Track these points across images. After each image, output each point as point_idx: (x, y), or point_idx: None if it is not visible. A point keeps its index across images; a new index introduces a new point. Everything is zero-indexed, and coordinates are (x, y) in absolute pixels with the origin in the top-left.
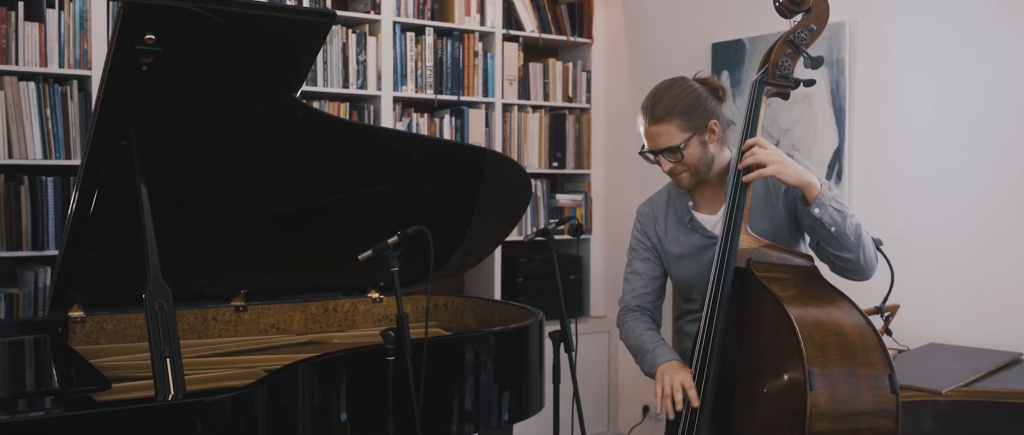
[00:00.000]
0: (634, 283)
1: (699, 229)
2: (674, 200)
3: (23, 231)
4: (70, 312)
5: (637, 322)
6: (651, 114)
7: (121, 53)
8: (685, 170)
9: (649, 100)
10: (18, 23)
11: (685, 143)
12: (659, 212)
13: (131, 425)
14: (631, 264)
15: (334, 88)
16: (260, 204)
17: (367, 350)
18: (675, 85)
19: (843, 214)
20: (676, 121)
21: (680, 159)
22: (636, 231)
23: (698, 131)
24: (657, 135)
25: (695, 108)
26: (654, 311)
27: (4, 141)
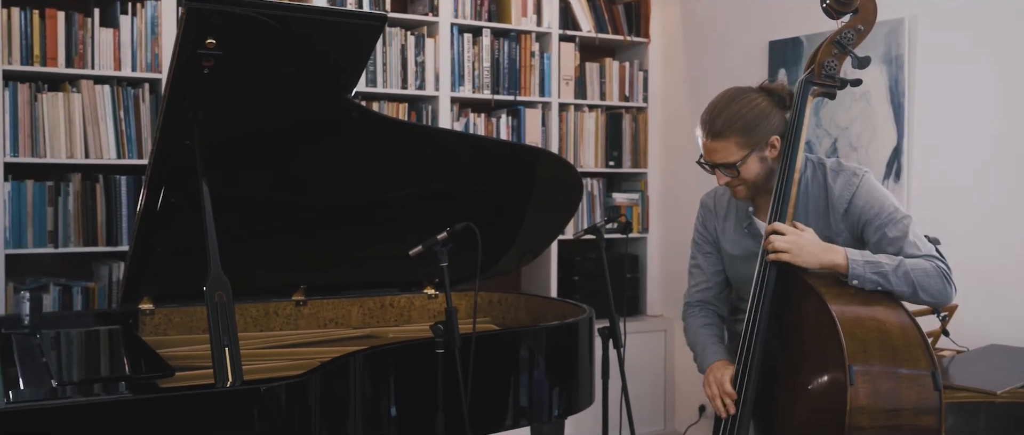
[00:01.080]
0: (697, 277)
1: (756, 234)
2: (737, 202)
3: (98, 227)
4: (140, 305)
5: (696, 318)
6: (709, 128)
7: (184, 57)
8: (741, 184)
9: (709, 113)
10: (94, 29)
11: (742, 160)
12: (721, 208)
13: (192, 410)
14: (694, 258)
15: (393, 89)
16: (317, 201)
17: (417, 343)
18: (736, 100)
19: (884, 275)
20: (734, 138)
21: (737, 175)
22: (698, 223)
23: (757, 148)
24: (714, 150)
25: (756, 126)
26: (718, 305)
27: (81, 142)
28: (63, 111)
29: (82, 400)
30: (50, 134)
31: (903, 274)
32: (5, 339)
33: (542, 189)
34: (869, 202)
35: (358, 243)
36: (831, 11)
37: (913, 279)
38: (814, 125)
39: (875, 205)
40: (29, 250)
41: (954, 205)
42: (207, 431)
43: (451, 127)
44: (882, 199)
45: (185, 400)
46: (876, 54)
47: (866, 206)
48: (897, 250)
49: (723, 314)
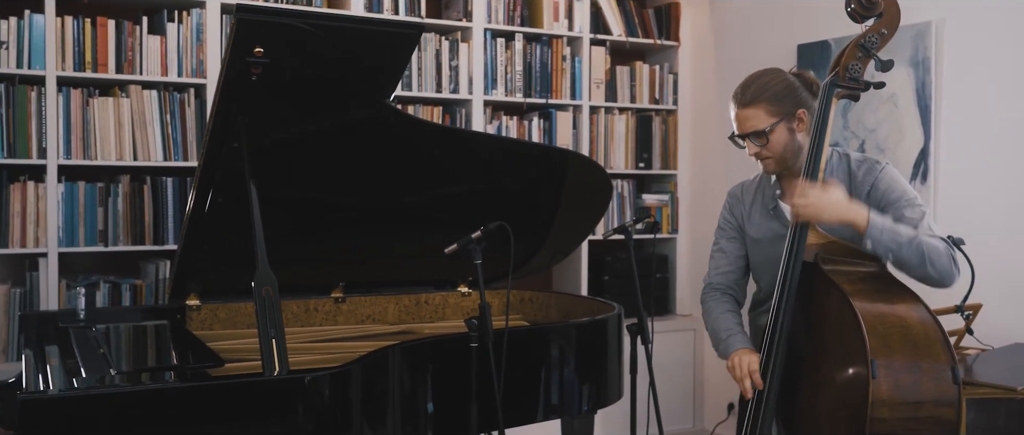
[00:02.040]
0: (719, 260)
1: (780, 217)
2: (764, 186)
3: (146, 227)
4: (187, 300)
5: (718, 304)
6: (741, 98)
7: (233, 65)
8: (770, 156)
9: (741, 86)
10: (142, 36)
11: (771, 128)
12: (747, 195)
13: (241, 397)
14: (717, 242)
15: (428, 93)
16: (357, 202)
17: (453, 337)
18: (767, 74)
19: (898, 242)
20: (764, 106)
21: (766, 143)
22: (724, 211)
23: (786, 117)
24: (745, 118)
25: (785, 95)
26: (737, 290)
27: (129, 145)
28: (113, 115)
29: (144, 386)
30: (100, 137)
31: (916, 246)
32: (63, 332)
33: (572, 190)
34: (890, 187)
35: (394, 242)
36: (856, 15)
37: (924, 251)
38: (841, 127)
39: (896, 190)
40: (80, 249)
41: (980, 206)
42: (256, 418)
43: (484, 129)
44: (903, 186)
45: (234, 388)
46: (903, 57)
47: (887, 190)
48: (913, 228)
49: (740, 301)
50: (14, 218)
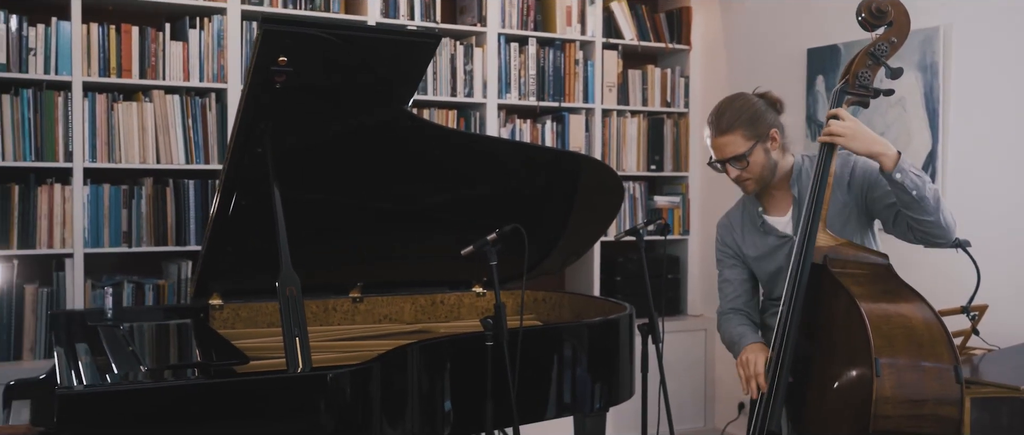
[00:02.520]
0: (726, 291)
1: (772, 231)
2: (748, 209)
3: (168, 229)
4: (210, 300)
5: (731, 320)
6: (717, 126)
7: (258, 73)
8: (750, 177)
9: (714, 114)
10: (165, 42)
11: (750, 150)
12: (735, 222)
13: (266, 393)
14: (722, 274)
15: (443, 96)
16: (375, 204)
17: (469, 336)
18: (736, 100)
19: (923, 179)
20: (740, 131)
21: (746, 166)
22: (719, 243)
23: (761, 139)
24: (724, 145)
25: (757, 119)
26: (750, 310)
27: (153, 148)
28: (136, 119)
29: (175, 382)
30: (125, 141)
31: (935, 191)
32: (92, 330)
33: (585, 193)
34: (867, 167)
35: (411, 244)
36: (866, 24)
37: (939, 197)
38: None
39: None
40: (105, 249)
41: (987, 208)
42: (281, 413)
43: (498, 132)
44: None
45: (260, 384)
46: (911, 62)
47: (867, 170)
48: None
49: (756, 320)
50: (41, 220)
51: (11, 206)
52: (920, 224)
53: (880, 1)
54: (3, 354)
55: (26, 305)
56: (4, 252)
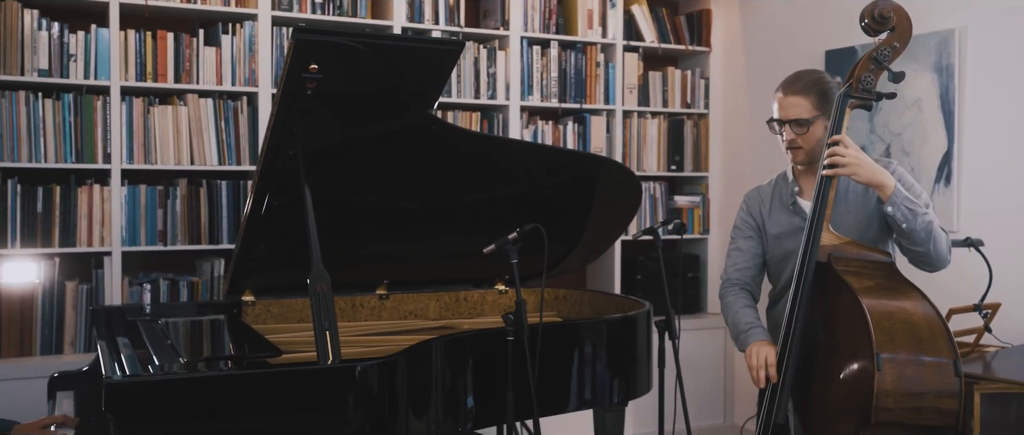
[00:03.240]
0: (736, 258)
1: (799, 212)
2: (780, 187)
3: (202, 227)
4: (243, 296)
5: (737, 298)
6: (790, 87)
7: (291, 80)
8: (803, 146)
9: (793, 75)
10: (199, 48)
11: (813, 120)
12: (765, 196)
13: (297, 384)
14: (735, 241)
15: (466, 99)
16: (401, 204)
17: (491, 331)
18: (816, 72)
19: (915, 213)
20: (811, 98)
21: (804, 133)
22: (742, 212)
23: (825, 114)
24: (790, 105)
25: (827, 95)
26: (753, 287)
27: (187, 150)
28: (171, 122)
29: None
30: (160, 143)
31: (927, 223)
32: (131, 325)
33: (605, 194)
34: (902, 180)
35: (436, 243)
36: (869, 29)
37: (933, 231)
38: (868, 131)
39: (907, 182)
40: (142, 248)
41: (1001, 208)
42: (312, 403)
43: (520, 134)
44: (910, 181)
45: (292, 376)
46: (927, 63)
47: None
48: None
49: (756, 296)
50: (81, 219)
51: (53, 206)
52: (908, 251)
53: (883, 7)
54: (46, 348)
55: (67, 301)
56: (46, 250)
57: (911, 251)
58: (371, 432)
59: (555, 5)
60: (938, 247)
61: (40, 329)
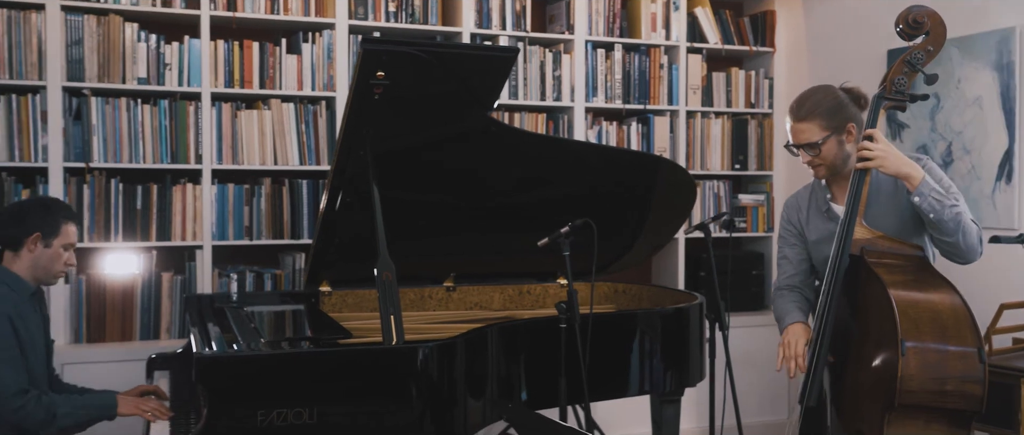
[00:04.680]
0: (785, 268)
1: (835, 218)
2: (816, 193)
3: (284, 223)
4: (320, 287)
5: (784, 298)
6: (796, 113)
7: (359, 86)
8: (822, 163)
9: (796, 101)
10: (281, 56)
11: (823, 140)
12: (802, 203)
13: (365, 362)
14: (781, 250)
15: (532, 101)
16: (465, 202)
17: (544, 319)
18: (820, 91)
19: (942, 204)
20: (817, 121)
21: (818, 154)
22: (783, 220)
23: (837, 131)
24: (799, 132)
25: (836, 112)
26: (804, 288)
27: (271, 151)
28: (257, 126)
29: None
30: (246, 145)
31: (956, 214)
32: (220, 311)
33: (662, 192)
34: (932, 174)
35: (500, 238)
36: (904, 34)
37: (962, 222)
38: (929, 129)
39: (936, 177)
40: (230, 242)
41: None
42: (377, 379)
43: (585, 135)
44: (940, 175)
45: (359, 354)
46: (987, 61)
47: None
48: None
49: (809, 297)
50: (176, 215)
51: (150, 203)
52: (938, 242)
53: (917, 12)
54: (144, 333)
55: (163, 291)
56: (144, 244)
57: (941, 243)
58: (432, 411)
59: (619, 9)
60: (968, 239)
61: (139, 316)
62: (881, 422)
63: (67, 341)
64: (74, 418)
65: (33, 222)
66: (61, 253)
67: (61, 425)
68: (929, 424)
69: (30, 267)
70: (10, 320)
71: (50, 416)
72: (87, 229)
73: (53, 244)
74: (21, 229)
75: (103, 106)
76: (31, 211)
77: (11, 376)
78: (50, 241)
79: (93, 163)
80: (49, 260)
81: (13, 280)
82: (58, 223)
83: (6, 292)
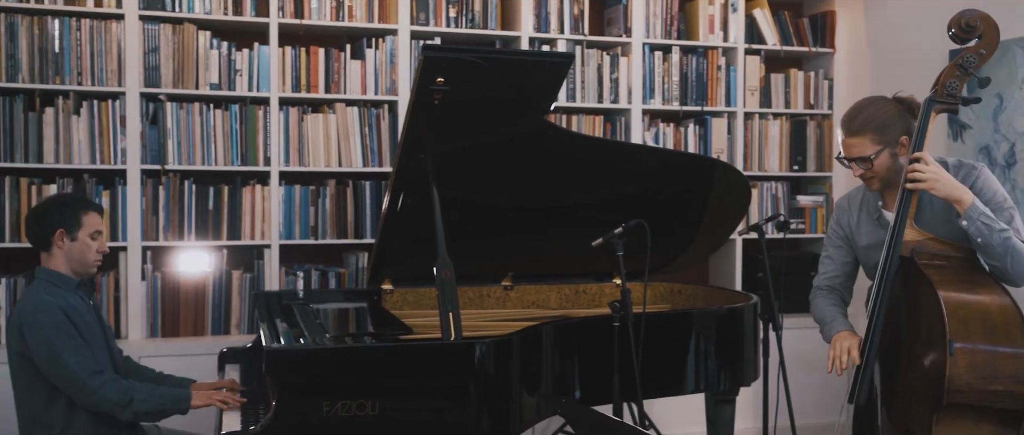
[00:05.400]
0: (827, 266)
1: (886, 225)
2: (867, 198)
3: (348, 224)
4: (383, 285)
5: (824, 299)
6: (848, 128)
7: (420, 92)
8: (874, 176)
9: (847, 115)
10: (346, 62)
11: (875, 155)
12: (854, 207)
13: (424, 356)
14: (826, 250)
15: (590, 104)
16: (522, 202)
17: (599, 318)
18: (872, 104)
19: (990, 229)
20: (869, 135)
21: (870, 168)
22: (833, 221)
23: (889, 145)
24: (851, 146)
25: (887, 126)
26: (843, 291)
27: (336, 153)
28: (322, 129)
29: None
30: (312, 147)
31: (1004, 240)
32: (287, 308)
33: (717, 194)
34: (985, 188)
35: (557, 239)
36: (957, 38)
37: (1009, 249)
38: (992, 130)
39: (989, 191)
40: (296, 241)
41: None
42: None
43: (642, 137)
44: (996, 187)
45: (418, 349)
46: None
47: (982, 191)
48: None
49: (846, 300)
50: (245, 215)
51: (221, 204)
52: (987, 264)
53: (969, 16)
54: (215, 328)
55: (233, 288)
56: (215, 243)
57: (989, 264)
58: (487, 405)
59: (677, 11)
60: (1016, 265)
61: (211, 312)
62: (930, 421)
63: (143, 335)
64: (149, 405)
65: (53, 220)
66: (89, 243)
67: (137, 409)
68: (978, 423)
69: (65, 262)
70: (64, 312)
71: (127, 399)
72: (162, 228)
73: (78, 236)
74: (44, 229)
75: (177, 111)
76: (49, 210)
77: (80, 362)
78: (75, 234)
79: (168, 165)
80: (80, 251)
81: (55, 277)
82: (77, 216)
83: (51, 288)
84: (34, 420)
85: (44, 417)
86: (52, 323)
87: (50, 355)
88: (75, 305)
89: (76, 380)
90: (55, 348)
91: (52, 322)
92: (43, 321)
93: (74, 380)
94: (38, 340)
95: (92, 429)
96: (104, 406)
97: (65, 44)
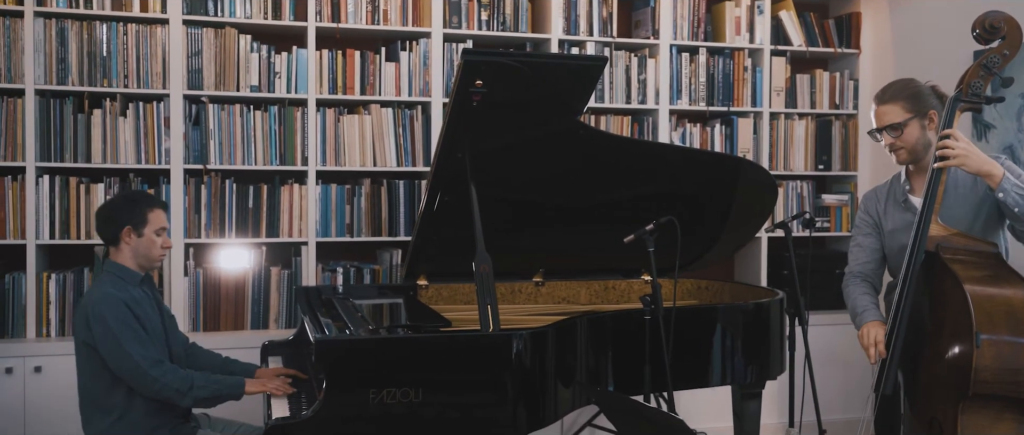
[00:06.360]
0: (858, 254)
1: (912, 209)
2: (895, 186)
3: (383, 222)
4: (418, 281)
5: (857, 287)
6: (880, 96)
7: (460, 94)
8: (903, 147)
9: (883, 88)
10: (381, 64)
11: (906, 122)
12: (881, 195)
13: (463, 347)
14: (855, 238)
15: (618, 104)
16: (554, 201)
17: (630, 311)
18: (904, 79)
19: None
20: (900, 103)
21: (899, 136)
22: (861, 211)
23: (919, 115)
24: (883, 113)
25: (918, 97)
26: (874, 278)
27: (371, 153)
28: (358, 129)
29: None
30: (348, 148)
31: None
32: (327, 301)
33: (743, 192)
34: (1011, 171)
35: (587, 236)
36: (981, 39)
37: None
38: (1016, 130)
39: (1013, 174)
40: (332, 239)
41: None
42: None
43: (669, 137)
44: (1019, 172)
45: (458, 340)
46: None
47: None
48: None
49: (877, 288)
50: (283, 214)
51: (260, 202)
52: (1021, 236)
53: (993, 17)
54: (255, 322)
55: (272, 284)
56: (255, 240)
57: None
58: (524, 394)
59: (704, 13)
60: None
61: (250, 306)
62: (955, 410)
63: (185, 329)
64: (206, 392)
65: (122, 217)
66: (154, 239)
67: (197, 396)
68: (1002, 413)
69: (132, 257)
70: (126, 305)
71: (187, 387)
72: (204, 226)
73: (145, 233)
74: (113, 226)
75: (219, 112)
76: (118, 207)
77: (142, 352)
78: (141, 230)
79: (210, 165)
80: (146, 247)
81: (122, 271)
82: (144, 213)
83: (117, 282)
84: (95, 405)
85: (105, 403)
86: (116, 316)
87: (113, 346)
88: (137, 298)
89: (139, 370)
90: (118, 339)
91: (116, 315)
92: (107, 313)
93: (137, 370)
94: (102, 331)
95: (148, 415)
96: (165, 393)
97: (112, 48)
